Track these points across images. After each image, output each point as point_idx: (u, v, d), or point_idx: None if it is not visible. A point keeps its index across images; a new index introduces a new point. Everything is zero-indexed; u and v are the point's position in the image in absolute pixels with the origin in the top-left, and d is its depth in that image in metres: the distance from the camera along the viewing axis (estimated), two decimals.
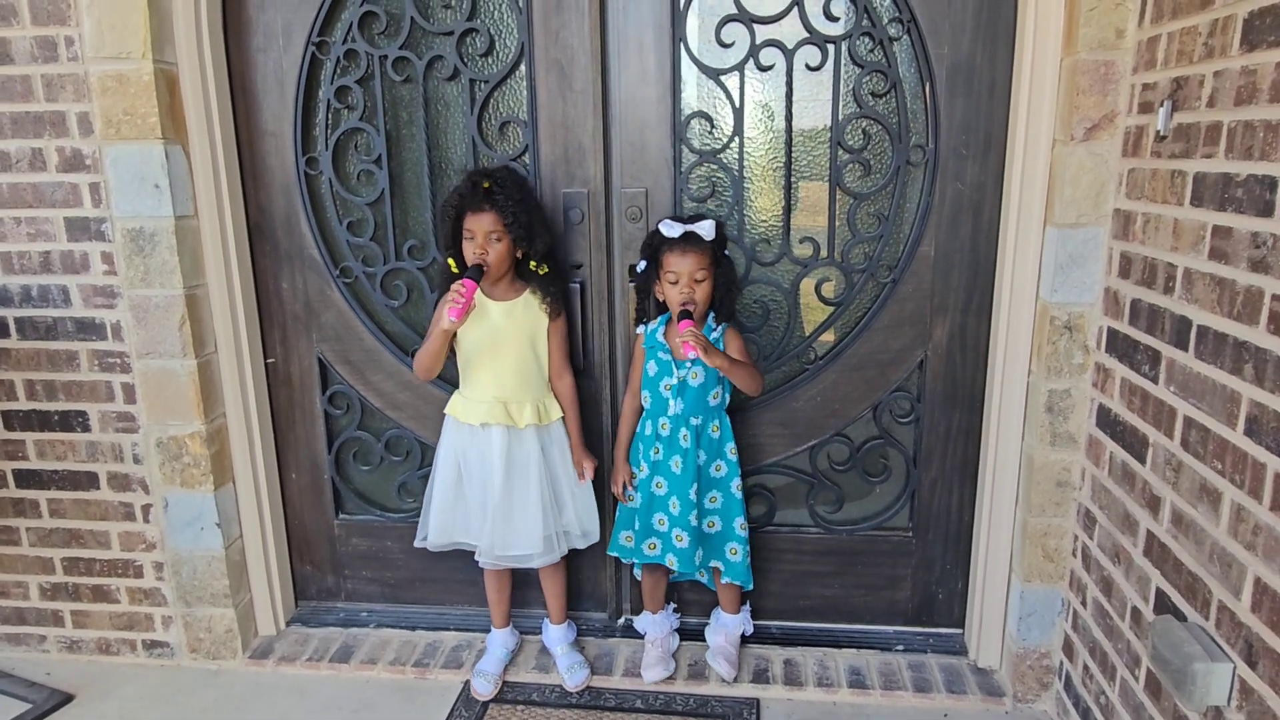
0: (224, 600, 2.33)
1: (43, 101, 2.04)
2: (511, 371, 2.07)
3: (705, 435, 2.11)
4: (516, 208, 1.96)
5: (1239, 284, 1.36)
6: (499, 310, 2.06)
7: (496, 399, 2.06)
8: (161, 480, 2.25)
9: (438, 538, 2.16)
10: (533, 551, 2.11)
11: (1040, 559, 2.06)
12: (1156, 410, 1.62)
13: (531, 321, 2.08)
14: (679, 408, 2.08)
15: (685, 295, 1.98)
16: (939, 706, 2.16)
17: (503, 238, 1.98)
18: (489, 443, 2.07)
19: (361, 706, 2.20)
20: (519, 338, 2.07)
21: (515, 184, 2.00)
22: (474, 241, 1.97)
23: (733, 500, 2.15)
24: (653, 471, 2.14)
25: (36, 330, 2.19)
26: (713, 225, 2.01)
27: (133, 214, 2.08)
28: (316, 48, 2.17)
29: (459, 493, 2.13)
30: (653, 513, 2.14)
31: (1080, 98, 1.81)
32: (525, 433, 2.08)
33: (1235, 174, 1.38)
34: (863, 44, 2.05)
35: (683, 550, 2.10)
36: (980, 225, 2.11)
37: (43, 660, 2.42)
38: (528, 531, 2.09)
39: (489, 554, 2.12)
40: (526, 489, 2.09)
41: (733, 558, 2.16)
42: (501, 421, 2.05)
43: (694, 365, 2.07)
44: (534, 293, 2.08)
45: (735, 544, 2.16)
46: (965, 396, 2.22)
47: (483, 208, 1.95)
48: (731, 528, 2.16)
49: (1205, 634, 1.43)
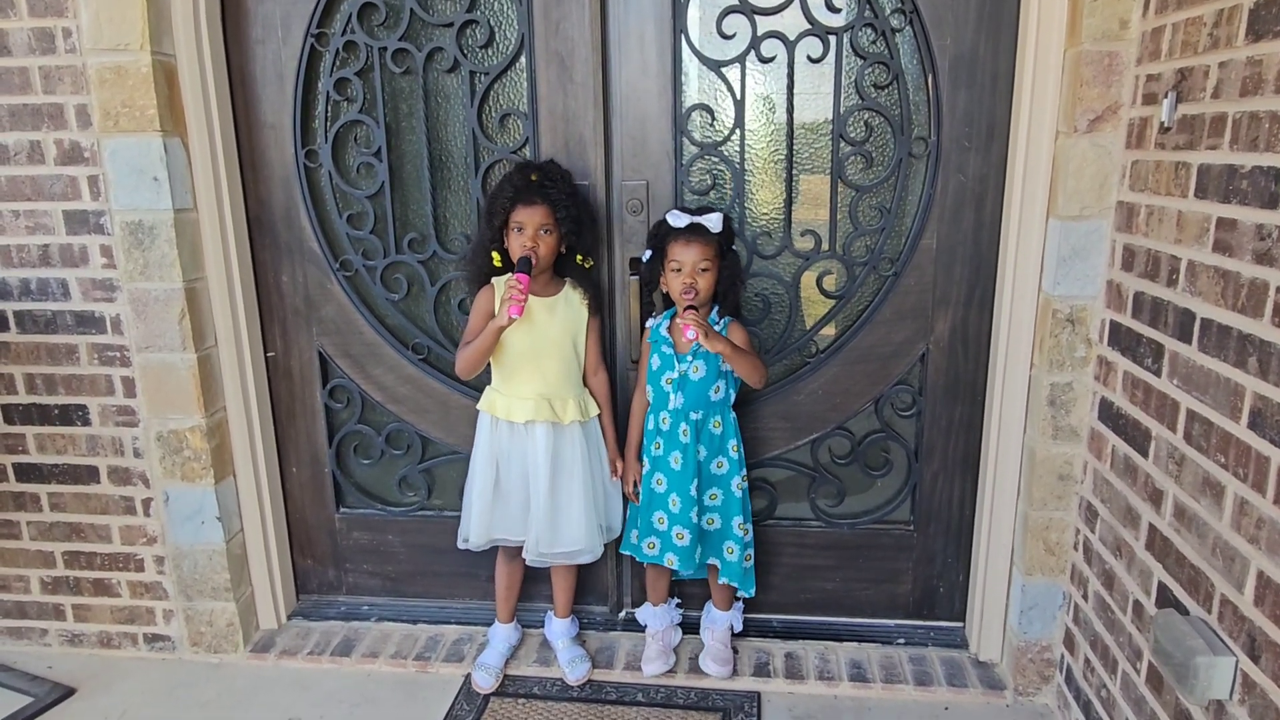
0: (225, 594, 2.33)
1: (40, 94, 2.03)
2: (555, 368, 2.06)
3: (706, 430, 2.10)
4: (568, 201, 1.96)
5: (1243, 276, 1.35)
6: (542, 307, 2.04)
7: (541, 396, 2.05)
8: (162, 474, 2.25)
9: (479, 538, 2.14)
10: (580, 547, 2.11)
11: (1041, 552, 2.06)
12: (1159, 403, 1.62)
13: (574, 318, 2.08)
14: (679, 402, 2.07)
15: (688, 283, 1.97)
16: (940, 700, 2.16)
17: (553, 231, 1.96)
18: (533, 440, 2.06)
19: (363, 700, 2.20)
20: (563, 334, 2.06)
21: (564, 177, 2.00)
22: (524, 234, 1.95)
23: (732, 499, 2.14)
24: (653, 468, 2.13)
25: (36, 324, 2.18)
26: (720, 218, 2.00)
27: (131, 207, 2.07)
28: (315, 39, 2.16)
29: (498, 491, 2.11)
30: (653, 510, 2.13)
31: (1084, 89, 1.80)
32: (570, 429, 2.08)
33: (1240, 166, 1.37)
34: (865, 35, 2.04)
35: (683, 548, 2.09)
36: (982, 218, 2.10)
37: (44, 654, 2.42)
38: (575, 527, 2.09)
39: (534, 551, 2.11)
40: (572, 485, 2.09)
41: (729, 557, 2.15)
42: (547, 418, 2.05)
43: (695, 359, 2.06)
44: (574, 288, 2.08)
45: (731, 543, 2.15)
46: (967, 390, 2.21)
47: (535, 200, 1.94)
48: (729, 527, 2.14)
49: (1208, 627, 1.43)
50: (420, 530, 2.48)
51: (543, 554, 2.12)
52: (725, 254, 2.04)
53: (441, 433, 2.40)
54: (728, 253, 2.05)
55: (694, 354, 2.06)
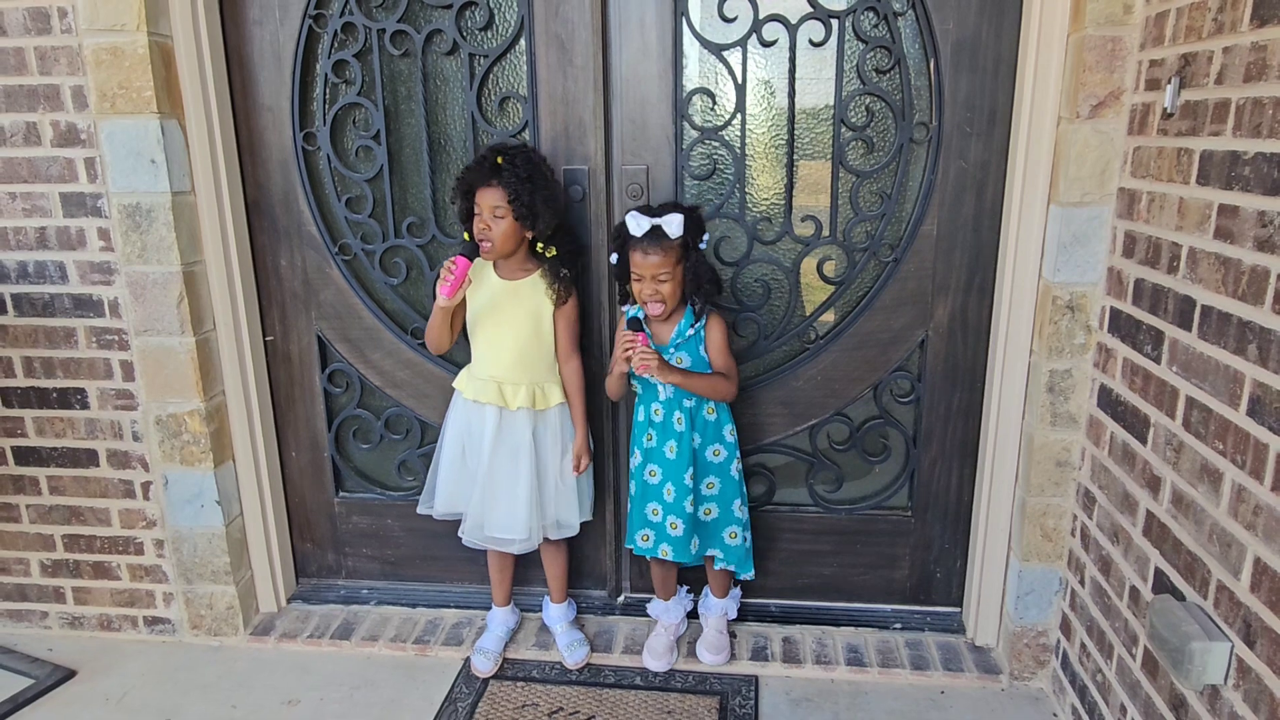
0: (225, 577, 2.34)
1: (36, 75, 2.01)
2: (509, 351, 2.06)
3: (700, 418, 2.08)
4: (521, 186, 1.93)
5: (1244, 263, 1.35)
6: (504, 288, 2.04)
7: (493, 378, 2.06)
8: (161, 458, 2.25)
9: (444, 506, 2.16)
10: (513, 538, 2.11)
11: (1039, 538, 2.06)
12: (1159, 391, 1.62)
13: (536, 303, 2.06)
14: (669, 391, 2.05)
15: (648, 294, 1.95)
16: (936, 684, 2.17)
17: (506, 215, 1.96)
18: (481, 420, 2.08)
19: (363, 683, 2.21)
20: (520, 317, 2.05)
21: (527, 162, 1.97)
22: (480, 216, 1.95)
23: (731, 483, 2.13)
24: (645, 459, 2.11)
25: (34, 307, 2.18)
26: (679, 221, 1.93)
27: (129, 189, 2.06)
28: (314, 21, 2.14)
29: (463, 464, 2.13)
30: (646, 502, 2.11)
31: (1087, 74, 1.79)
32: (517, 415, 2.07)
33: (1243, 152, 1.36)
34: (867, 19, 2.03)
35: (677, 538, 2.07)
36: (983, 204, 2.09)
37: (45, 636, 2.43)
38: (510, 517, 2.09)
39: (472, 531, 2.13)
40: (515, 474, 2.08)
41: (731, 541, 2.15)
42: (494, 401, 2.05)
43: (678, 351, 2.04)
44: (543, 276, 2.07)
45: (734, 527, 2.14)
46: (966, 376, 2.21)
47: (490, 183, 1.94)
48: (729, 511, 2.14)
49: (1203, 613, 1.44)
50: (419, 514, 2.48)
51: (472, 538, 2.13)
52: (689, 255, 1.98)
53: (440, 417, 2.37)
54: (692, 253, 1.99)
55: (675, 345, 2.04)
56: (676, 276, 1.96)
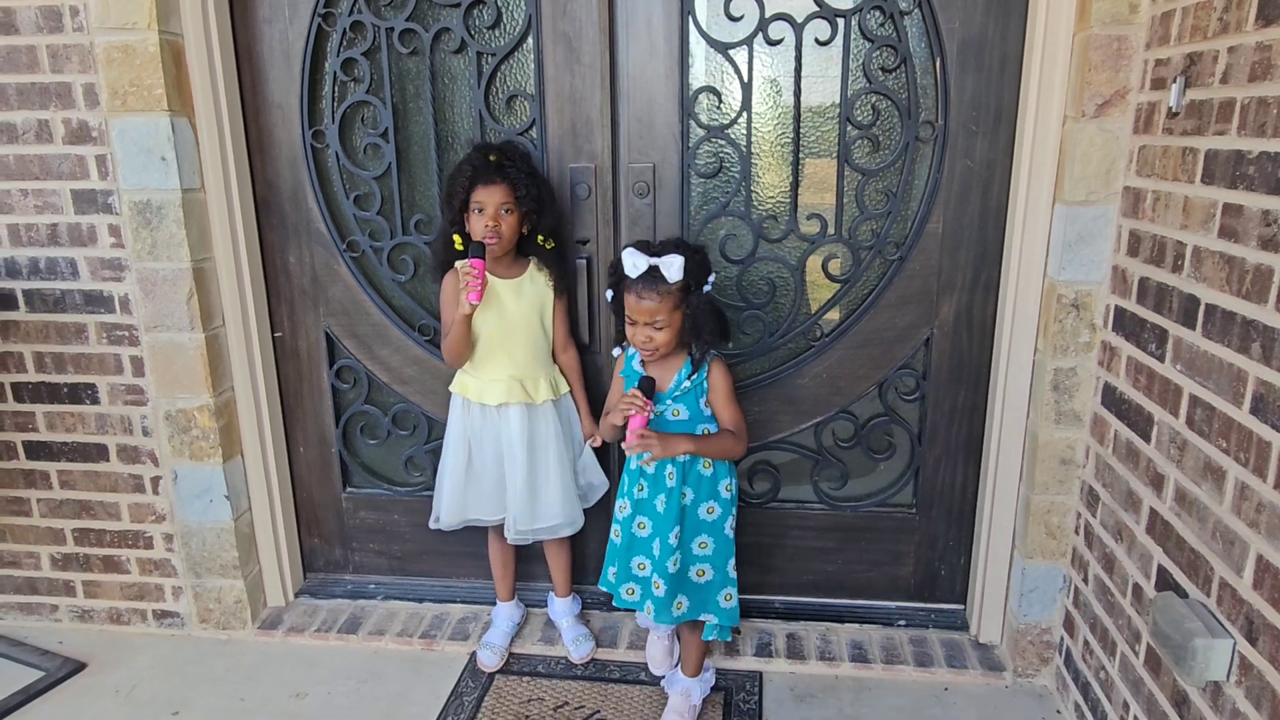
0: (233, 572, 2.35)
1: (48, 72, 2.03)
2: (524, 349, 2.07)
3: (694, 472, 1.89)
4: (527, 180, 1.96)
5: (1248, 262, 1.35)
6: (507, 289, 2.05)
7: (513, 378, 2.06)
8: (170, 453, 2.27)
9: (450, 517, 2.17)
10: (559, 521, 2.13)
11: (1043, 536, 2.07)
12: (1163, 389, 1.63)
13: (539, 298, 2.08)
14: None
15: (640, 340, 1.80)
16: (940, 680, 2.18)
17: (513, 210, 1.97)
18: (506, 422, 2.07)
19: (370, 677, 2.23)
20: (530, 315, 2.07)
21: (523, 157, 2.00)
22: (484, 214, 1.95)
23: (724, 542, 1.95)
24: (635, 510, 1.95)
25: (45, 303, 2.20)
26: (680, 265, 1.75)
27: (139, 186, 2.08)
28: (323, 19, 2.15)
29: (470, 473, 2.13)
30: (633, 555, 1.96)
31: (1092, 73, 1.79)
32: (543, 408, 2.09)
33: (1247, 151, 1.37)
34: (873, 18, 2.03)
35: (660, 599, 1.91)
36: (989, 202, 2.10)
37: (55, 629, 2.45)
38: (553, 503, 2.11)
39: (514, 530, 2.13)
40: (548, 462, 2.10)
41: (726, 605, 1.98)
42: (520, 400, 2.06)
43: (675, 403, 1.88)
44: (540, 269, 2.08)
45: (729, 589, 1.97)
46: (970, 374, 2.22)
47: (494, 180, 1.94)
48: (724, 573, 1.96)
49: (1206, 610, 1.44)
50: (426, 510, 2.47)
51: (521, 531, 2.13)
52: (689, 299, 1.81)
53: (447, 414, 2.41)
54: (694, 296, 1.81)
55: (672, 397, 1.89)
56: (674, 323, 1.80)
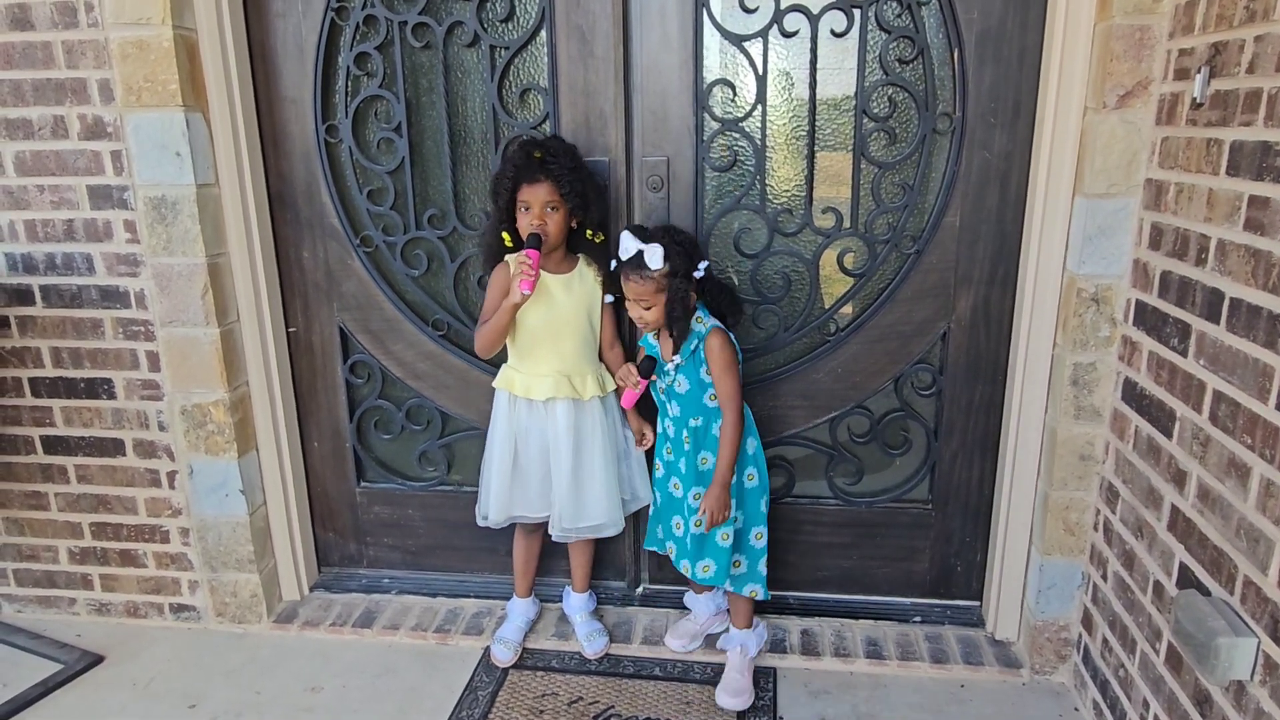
0: (249, 565, 2.36)
1: (64, 68, 2.03)
2: (573, 345, 2.06)
3: (710, 436, 2.00)
4: (571, 176, 1.94)
5: (1275, 255, 1.33)
6: (557, 284, 2.04)
7: (560, 373, 2.05)
8: (186, 447, 2.28)
9: (498, 514, 2.15)
10: (604, 521, 2.12)
11: (1061, 532, 2.05)
12: (1185, 384, 1.60)
13: (589, 294, 2.07)
14: (676, 410, 2.04)
15: (634, 316, 1.95)
16: (956, 677, 2.17)
17: (559, 207, 1.96)
18: (553, 418, 2.07)
19: (384, 671, 2.23)
20: (578, 311, 2.06)
21: (567, 152, 1.98)
22: (530, 212, 1.94)
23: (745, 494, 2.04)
24: (668, 472, 2.11)
25: (61, 298, 2.21)
26: (660, 253, 1.86)
27: (154, 182, 2.09)
28: (336, 13, 2.15)
29: (516, 469, 2.12)
30: (670, 514, 2.12)
31: (1114, 64, 1.76)
32: (590, 404, 2.08)
33: (1275, 143, 1.34)
34: (889, 9, 2.01)
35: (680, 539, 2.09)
36: (1007, 195, 2.07)
37: (73, 622, 2.47)
38: (598, 502, 2.11)
39: (559, 527, 2.13)
40: (594, 460, 2.10)
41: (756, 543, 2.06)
42: (567, 395, 2.05)
43: (678, 374, 2.00)
44: (588, 264, 2.07)
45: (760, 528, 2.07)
46: (988, 369, 2.20)
47: (538, 178, 1.93)
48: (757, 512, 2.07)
49: (1230, 608, 1.42)
50: (440, 505, 2.50)
51: (566, 529, 2.13)
52: (673, 283, 1.90)
53: (461, 408, 2.41)
54: (679, 281, 1.90)
55: (676, 367, 2.00)
56: (660, 304, 1.92)
